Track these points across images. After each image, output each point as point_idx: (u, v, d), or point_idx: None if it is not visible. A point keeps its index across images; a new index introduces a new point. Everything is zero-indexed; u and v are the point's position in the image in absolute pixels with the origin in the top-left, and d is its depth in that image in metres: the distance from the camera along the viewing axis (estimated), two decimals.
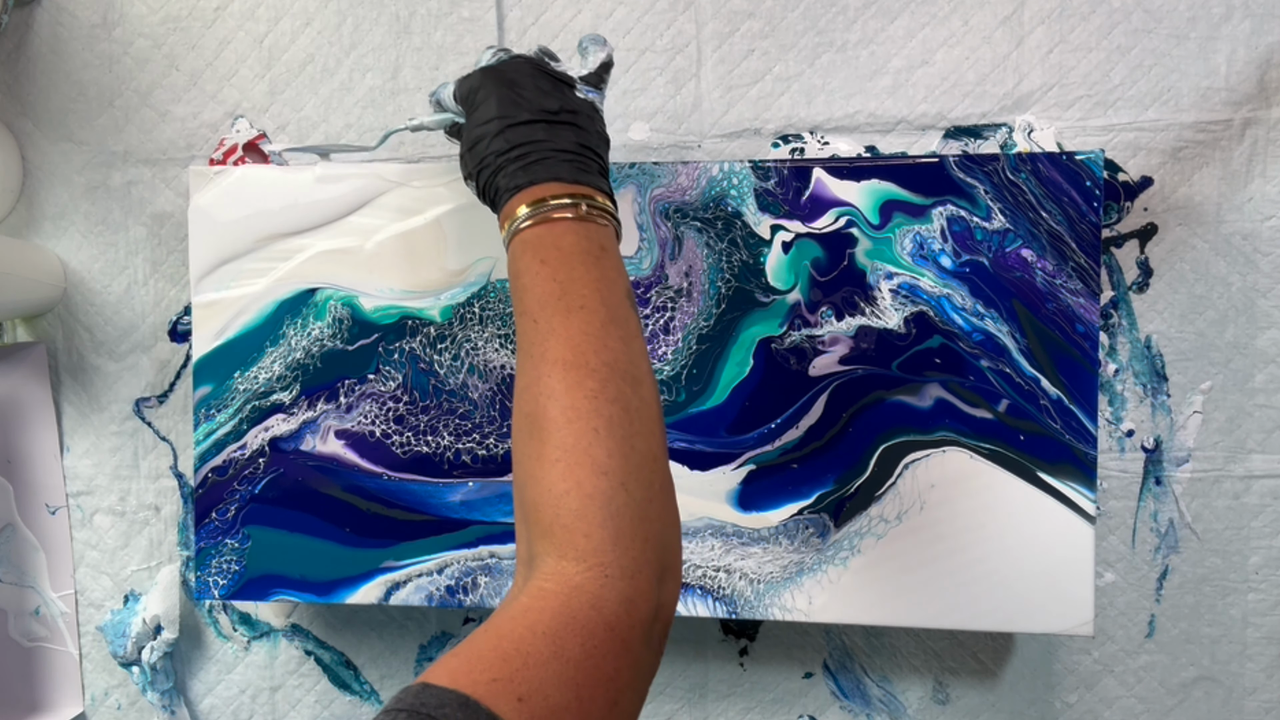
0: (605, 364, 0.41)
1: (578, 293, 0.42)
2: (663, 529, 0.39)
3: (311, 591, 0.63)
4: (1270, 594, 0.65)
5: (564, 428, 0.39)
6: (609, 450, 0.39)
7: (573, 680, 0.34)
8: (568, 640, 0.35)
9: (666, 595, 0.39)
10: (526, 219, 0.45)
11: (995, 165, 0.58)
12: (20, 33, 0.71)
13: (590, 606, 0.36)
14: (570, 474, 0.38)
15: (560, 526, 0.38)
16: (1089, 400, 0.58)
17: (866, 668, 0.68)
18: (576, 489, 0.38)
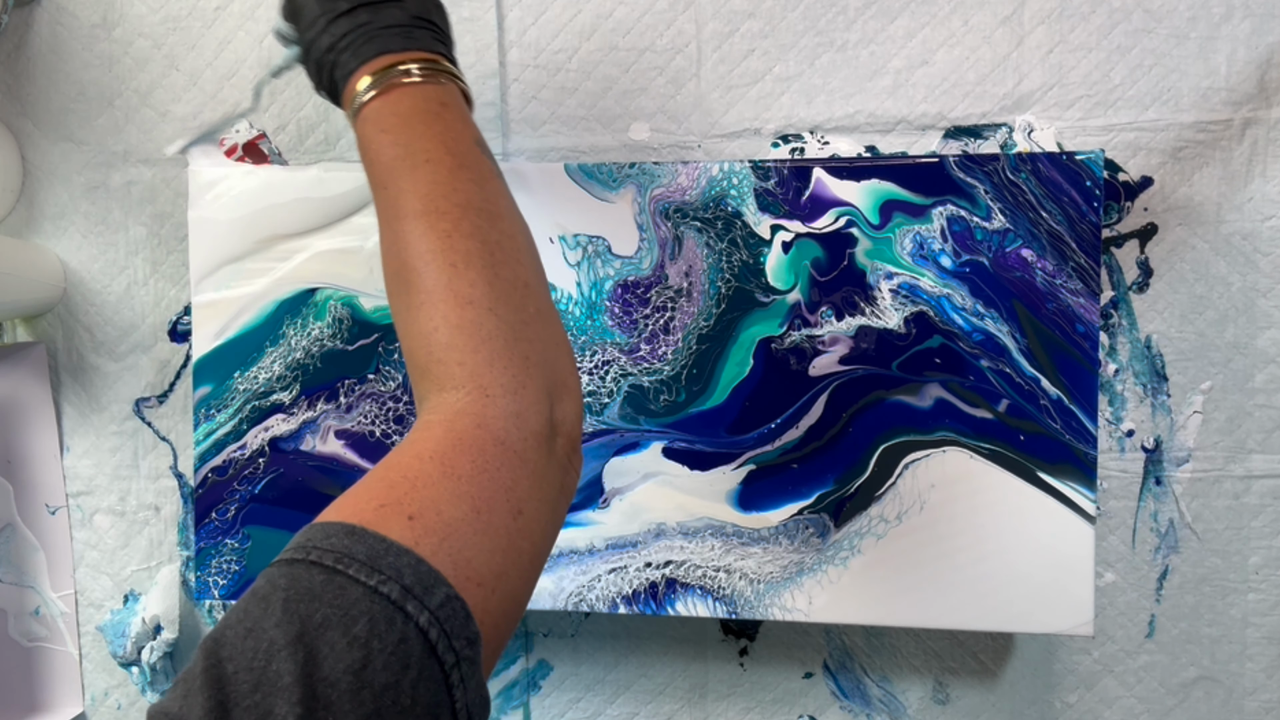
0: (457, 205, 0.41)
1: (421, 148, 0.42)
2: (545, 349, 0.40)
3: None
4: (1270, 594, 0.65)
5: (423, 271, 0.39)
6: (470, 281, 0.39)
7: (467, 494, 0.34)
8: (457, 459, 0.35)
9: (564, 413, 0.39)
10: (363, 98, 0.44)
11: (995, 165, 0.58)
12: (20, 33, 0.71)
13: (476, 426, 0.36)
14: (435, 311, 0.39)
15: (435, 362, 0.38)
16: (1089, 400, 0.58)
17: (866, 668, 0.68)
18: (444, 323, 0.38)
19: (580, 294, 0.61)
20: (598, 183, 0.61)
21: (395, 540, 0.31)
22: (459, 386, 0.37)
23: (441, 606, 0.30)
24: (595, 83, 0.67)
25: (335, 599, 0.29)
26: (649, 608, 0.61)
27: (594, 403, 0.61)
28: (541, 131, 0.68)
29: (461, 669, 0.30)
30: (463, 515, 0.33)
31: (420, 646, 0.29)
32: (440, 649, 0.29)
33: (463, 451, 0.35)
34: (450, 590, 0.31)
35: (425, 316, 0.39)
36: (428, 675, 0.29)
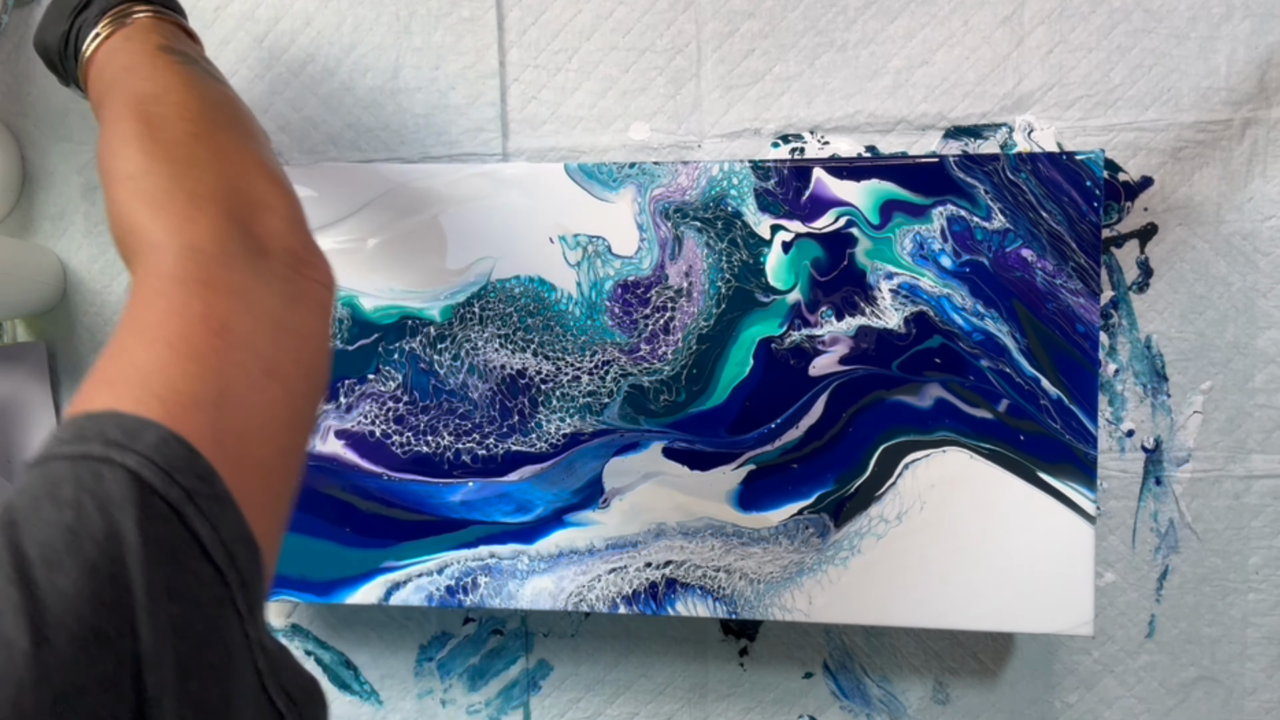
0: (123, 103, 0.44)
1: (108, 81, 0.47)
2: (220, 182, 0.40)
3: (311, 591, 0.63)
4: (1270, 594, 0.65)
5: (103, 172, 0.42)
6: (126, 158, 0.41)
7: (158, 338, 0.33)
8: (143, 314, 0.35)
9: (266, 226, 0.40)
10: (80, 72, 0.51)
11: (995, 165, 0.58)
12: (20, 33, 0.71)
13: (154, 278, 0.36)
14: (111, 201, 0.40)
15: (119, 245, 0.40)
16: (1089, 400, 0.58)
17: (866, 668, 0.68)
18: (115, 207, 0.40)
19: (580, 294, 0.61)
20: (598, 183, 0.61)
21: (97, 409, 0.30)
22: (136, 255, 0.38)
23: (155, 447, 0.29)
24: (595, 83, 0.67)
25: (44, 481, 0.28)
26: (649, 608, 0.61)
27: (594, 403, 0.61)
28: (541, 131, 0.68)
29: (199, 504, 0.29)
30: (158, 355, 0.33)
31: (135, 489, 0.28)
32: (160, 486, 0.28)
33: (147, 306, 0.35)
34: (163, 430, 0.30)
35: (108, 213, 0.41)
36: (153, 514, 0.28)
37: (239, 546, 0.30)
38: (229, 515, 0.30)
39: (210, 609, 0.28)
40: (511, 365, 0.62)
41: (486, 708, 0.71)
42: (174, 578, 0.27)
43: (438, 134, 0.68)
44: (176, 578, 0.28)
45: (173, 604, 0.27)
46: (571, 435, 0.62)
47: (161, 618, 0.27)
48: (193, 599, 0.28)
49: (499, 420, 0.62)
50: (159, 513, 0.28)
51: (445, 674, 0.71)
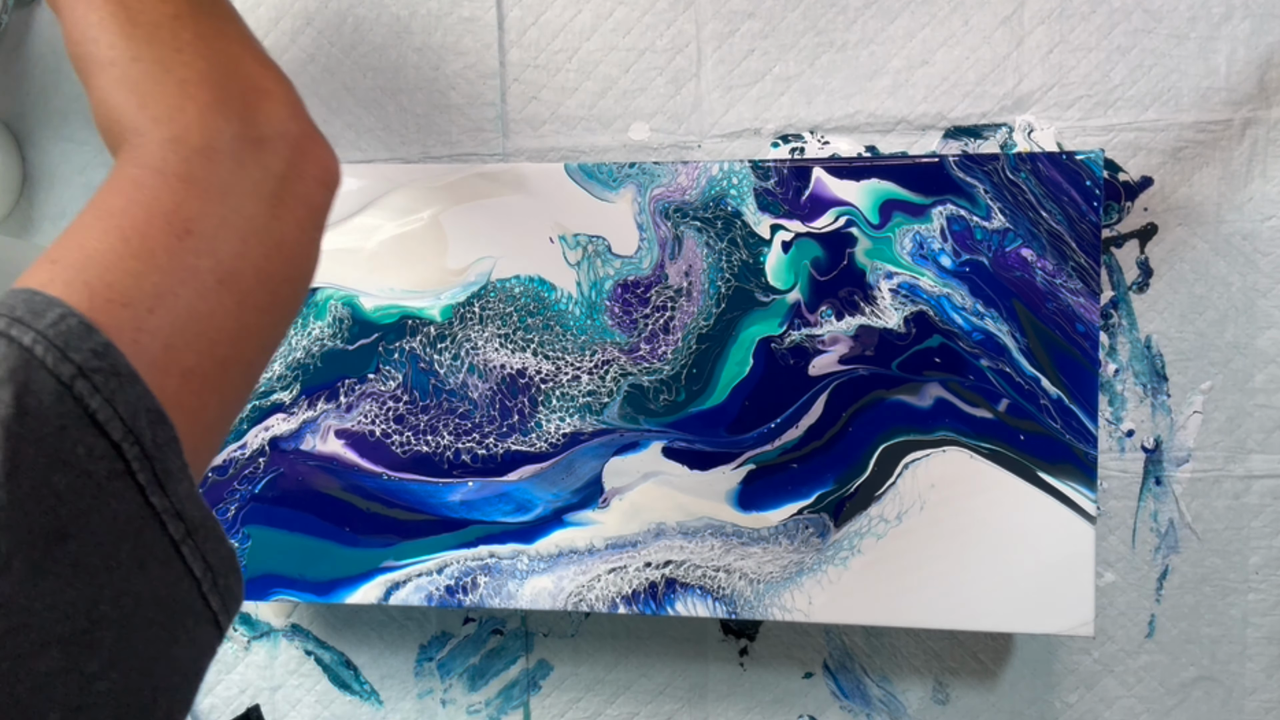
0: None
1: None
2: (211, 67, 0.38)
3: (311, 591, 0.63)
4: (1270, 594, 0.65)
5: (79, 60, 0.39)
6: (107, 44, 0.38)
7: (115, 227, 0.33)
8: (109, 200, 0.34)
9: (269, 114, 0.38)
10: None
11: (995, 165, 0.58)
12: (20, 33, 0.71)
13: (133, 165, 0.35)
14: (94, 92, 0.38)
15: (104, 133, 0.38)
16: (1089, 400, 0.58)
17: (866, 668, 0.68)
18: (98, 95, 0.38)
19: (580, 294, 0.61)
20: (598, 183, 0.61)
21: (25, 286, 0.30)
22: (123, 144, 0.37)
23: (51, 325, 0.29)
24: (595, 83, 0.67)
25: None
26: (649, 608, 0.61)
27: (594, 402, 0.61)
28: (541, 131, 0.68)
29: (92, 379, 0.29)
30: (108, 245, 0.32)
31: (21, 363, 0.28)
32: (50, 361, 0.28)
33: (117, 191, 0.34)
34: (65, 309, 0.29)
35: (92, 103, 0.39)
36: (37, 388, 0.28)
37: (143, 419, 0.30)
38: (129, 390, 0.30)
39: (102, 480, 0.29)
40: (511, 365, 0.62)
41: (486, 708, 0.71)
42: (58, 449, 0.28)
43: (438, 134, 0.68)
44: (61, 449, 0.28)
45: (53, 473, 0.27)
46: (571, 435, 0.62)
47: (25, 485, 0.27)
48: (82, 470, 0.28)
49: (499, 420, 0.62)
50: (45, 387, 0.28)
51: (445, 674, 0.71)
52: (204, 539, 0.32)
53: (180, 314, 0.33)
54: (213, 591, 0.33)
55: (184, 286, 0.33)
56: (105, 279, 0.31)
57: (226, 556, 0.33)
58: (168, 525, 0.31)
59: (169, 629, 0.31)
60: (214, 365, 0.34)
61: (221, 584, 0.33)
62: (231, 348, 0.35)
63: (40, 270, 0.32)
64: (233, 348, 0.35)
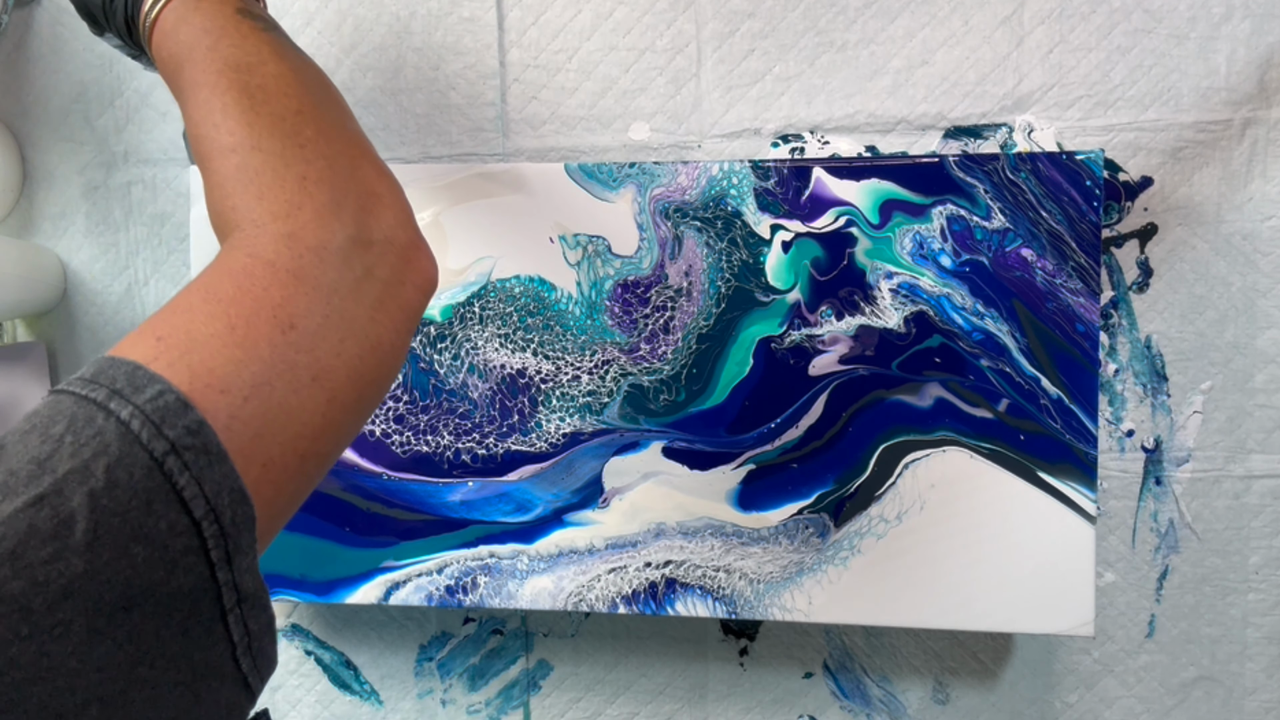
0: (214, 71, 0.42)
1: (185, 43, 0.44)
2: (329, 167, 0.39)
3: (311, 591, 0.63)
4: (1270, 594, 0.65)
5: (198, 147, 0.41)
6: (229, 130, 0.39)
7: (223, 314, 0.34)
8: (219, 285, 0.35)
9: (377, 221, 0.39)
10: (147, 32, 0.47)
11: (995, 165, 0.58)
12: (20, 33, 0.71)
13: (246, 255, 0.36)
14: (211, 175, 0.39)
15: (217, 218, 0.39)
16: (1089, 400, 0.58)
17: (866, 668, 0.68)
18: (215, 180, 0.39)
19: (580, 294, 0.61)
20: (598, 183, 0.61)
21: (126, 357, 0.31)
22: (236, 229, 0.37)
23: (150, 400, 0.29)
24: (595, 83, 0.67)
25: (48, 411, 0.29)
26: (649, 608, 0.61)
27: (594, 402, 0.61)
28: (541, 131, 0.68)
29: (183, 456, 0.29)
30: (214, 331, 0.33)
31: (118, 435, 0.28)
32: (145, 437, 0.29)
33: (228, 277, 0.35)
34: (165, 385, 0.30)
35: (206, 186, 0.40)
36: (130, 461, 0.28)
37: (224, 499, 0.30)
38: (217, 469, 0.30)
39: (177, 555, 0.29)
40: (511, 365, 0.62)
41: (486, 708, 0.71)
42: (141, 524, 0.28)
43: (438, 134, 0.68)
44: (145, 524, 0.28)
45: (134, 545, 0.28)
46: (571, 435, 0.62)
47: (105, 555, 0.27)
48: (160, 544, 0.29)
49: (499, 420, 0.62)
50: (138, 461, 0.28)
51: (445, 674, 0.71)
52: (250, 607, 0.32)
53: (273, 406, 0.33)
54: (245, 655, 0.33)
55: (280, 380, 0.34)
56: (208, 364, 0.32)
57: (266, 623, 0.34)
58: (223, 596, 0.31)
59: (195, 691, 0.31)
60: (295, 458, 0.34)
61: (255, 648, 0.33)
62: (314, 443, 0.35)
63: (144, 344, 0.32)
64: (315, 442, 0.35)
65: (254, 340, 0.33)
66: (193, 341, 0.32)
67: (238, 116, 0.40)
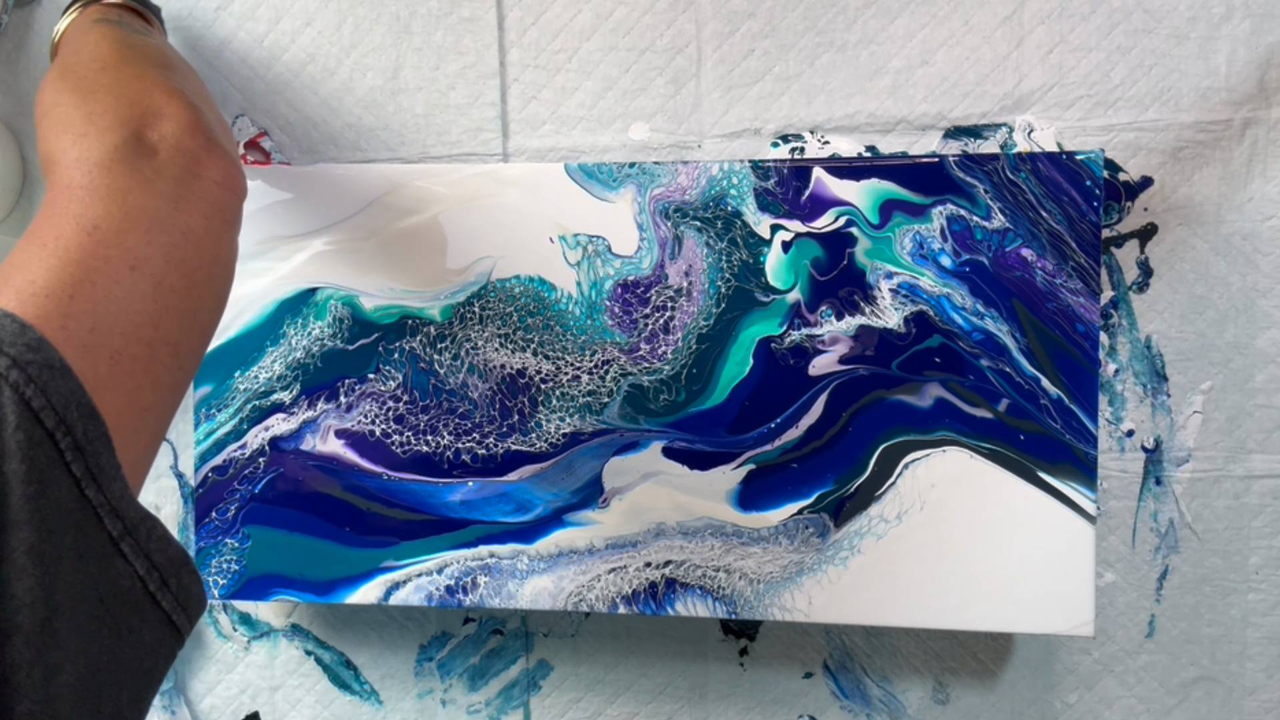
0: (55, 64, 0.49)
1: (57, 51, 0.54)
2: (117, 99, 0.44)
3: (311, 591, 0.63)
4: (1270, 594, 0.65)
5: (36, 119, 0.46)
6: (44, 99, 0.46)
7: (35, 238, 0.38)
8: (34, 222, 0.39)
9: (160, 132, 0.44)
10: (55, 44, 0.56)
11: (995, 165, 0.58)
12: (20, 33, 0.71)
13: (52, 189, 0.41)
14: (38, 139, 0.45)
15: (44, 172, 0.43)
16: (1089, 400, 0.58)
17: (866, 668, 0.68)
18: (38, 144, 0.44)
19: (580, 294, 0.61)
20: (598, 183, 0.61)
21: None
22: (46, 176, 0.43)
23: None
24: (595, 83, 0.67)
25: None
26: (649, 608, 0.61)
27: (594, 402, 0.61)
28: (541, 131, 0.68)
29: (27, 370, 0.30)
30: (30, 254, 0.37)
31: None
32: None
33: (40, 214, 0.40)
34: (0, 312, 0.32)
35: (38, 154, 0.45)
36: None
37: (74, 413, 0.31)
38: (61, 382, 0.32)
39: (44, 467, 0.30)
40: (511, 365, 0.62)
41: (487, 708, 0.71)
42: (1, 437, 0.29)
43: (438, 134, 0.68)
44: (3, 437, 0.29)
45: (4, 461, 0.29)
46: (571, 435, 0.62)
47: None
48: (25, 456, 0.29)
49: (499, 420, 0.62)
50: None
51: (445, 674, 0.71)
52: (145, 538, 0.33)
53: (99, 299, 0.36)
54: (162, 590, 0.34)
55: (99, 275, 0.37)
56: (28, 278, 0.35)
57: (175, 556, 0.35)
58: (104, 520, 0.32)
59: (113, 626, 0.32)
60: (140, 346, 0.37)
61: (173, 584, 0.34)
62: (155, 329, 0.38)
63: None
64: (156, 329, 0.38)
65: (64, 247, 0.37)
66: (12, 268, 0.36)
67: (50, 85, 0.46)
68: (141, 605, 0.33)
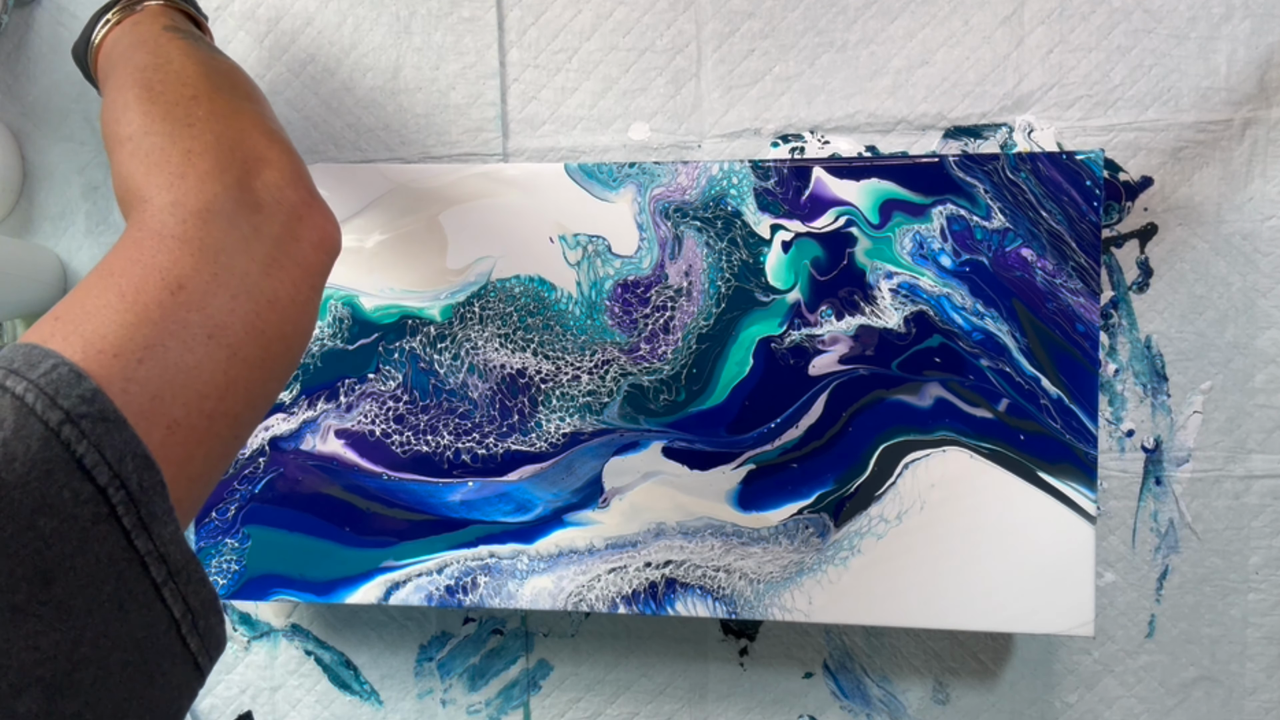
0: (127, 74, 0.45)
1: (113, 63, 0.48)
2: (217, 139, 0.41)
3: (311, 591, 0.63)
4: (1270, 594, 0.65)
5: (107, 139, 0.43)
6: (128, 121, 0.42)
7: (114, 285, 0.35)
8: (112, 262, 0.36)
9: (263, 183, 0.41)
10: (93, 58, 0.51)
11: (995, 165, 0.58)
12: (20, 33, 0.71)
13: (135, 229, 0.38)
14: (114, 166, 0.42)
15: (121, 205, 0.41)
16: (1089, 400, 0.58)
17: (866, 668, 0.68)
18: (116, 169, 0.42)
19: (580, 293, 0.61)
20: (598, 183, 0.61)
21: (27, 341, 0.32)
22: (131, 212, 0.39)
23: (45, 374, 0.30)
24: (595, 83, 0.67)
25: None
26: (649, 608, 0.61)
27: (594, 402, 0.61)
28: (541, 131, 0.68)
29: (79, 425, 0.29)
30: (106, 302, 0.34)
31: (14, 411, 0.29)
32: (39, 409, 0.29)
33: (117, 253, 0.36)
34: (58, 359, 0.30)
35: (113, 175, 0.42)
36: (25, 434, 0.28)
37: (129, 464, 0.30)
38: (116, 435, 0.30)
39: (87, 524, 0.29)
40: (511, 365, 0.62)
41: (486, 708, 0.71)
42: (44, 494, 0.28)
43: (438, 134, 0.68)
44: (47, 494, 0.28)
45: (39, 518, 0.28)
46: (571, 435, 0.62)
47: (9, 529, 0.27)
48: (67, 514, 0.29)
49: (499, 420, 0.62)
50: (33, 433, 0.28)
51: (445, 674, 0.71)
52: (185, 581, 0.32)
53: (169, 366, 0.34)
54: (192, 633, 0.33)
55: (173, 339, 0.34)
56: (99, 331, 0.33)
57: (208, 599, 0.34)
58: (150, 568, 0.31)
59: (145, 670, 0.31)
60: (201, 418, 0.35)
61: (201, 625, 0.33)
62: (220, 401, 0.35)
63: (43, 326, 0.33)
64: (221, 401, 0.35)
65: (143, 304, 0.34)
66: (86, 314, 0.33)
67: (135, 108, 0.42)
68: (173, 648, 0.32)
